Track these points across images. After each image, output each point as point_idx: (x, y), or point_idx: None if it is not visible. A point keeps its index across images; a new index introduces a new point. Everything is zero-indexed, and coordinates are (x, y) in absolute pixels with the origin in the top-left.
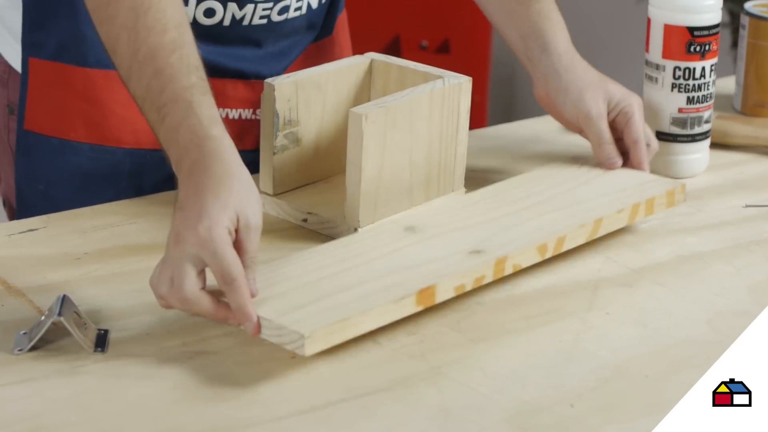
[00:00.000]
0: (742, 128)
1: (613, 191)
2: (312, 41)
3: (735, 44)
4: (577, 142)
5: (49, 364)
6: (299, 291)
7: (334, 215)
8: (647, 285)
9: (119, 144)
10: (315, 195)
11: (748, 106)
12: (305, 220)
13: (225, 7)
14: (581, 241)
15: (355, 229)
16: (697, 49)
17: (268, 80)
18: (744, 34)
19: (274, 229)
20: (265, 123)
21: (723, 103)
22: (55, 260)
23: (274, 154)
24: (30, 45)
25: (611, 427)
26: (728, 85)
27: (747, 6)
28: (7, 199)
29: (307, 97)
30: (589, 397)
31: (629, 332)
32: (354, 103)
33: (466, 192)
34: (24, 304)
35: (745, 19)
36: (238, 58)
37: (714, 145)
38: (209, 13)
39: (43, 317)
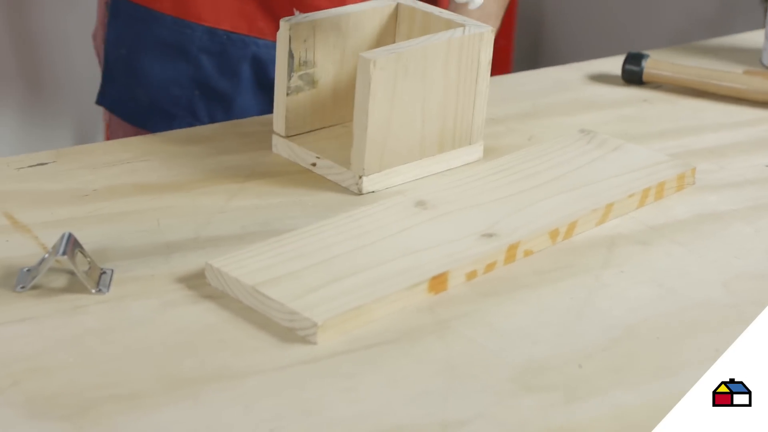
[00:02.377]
0: None
1: (623, 172)
2: None
3: None
4: (600, 92)
5: (51, 303)
6: (311, 271)
7: (342, 160)
8: (665, 243)
9: (200, 21)
10: (328, 139)
11: None
12: (314, 164)
13: None
14: (592, 225)
15: (360, 177)
16: None
17: (284, 19)
18: None
19: (285, 172)
20: (280, 62)
21: (750, 58)
22: (64, 196)
23: (287, 94)
24: None
25: (619, 390)
26: (757, 38)
27: None
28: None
29: (325, 39)
30: (599, 357)
31: (643, 292)
32: (377, 47)
33: (484, 145)
34: (29, 241)
35: None
36: None
37: (740, 101)
38: None
39: (46, 255)
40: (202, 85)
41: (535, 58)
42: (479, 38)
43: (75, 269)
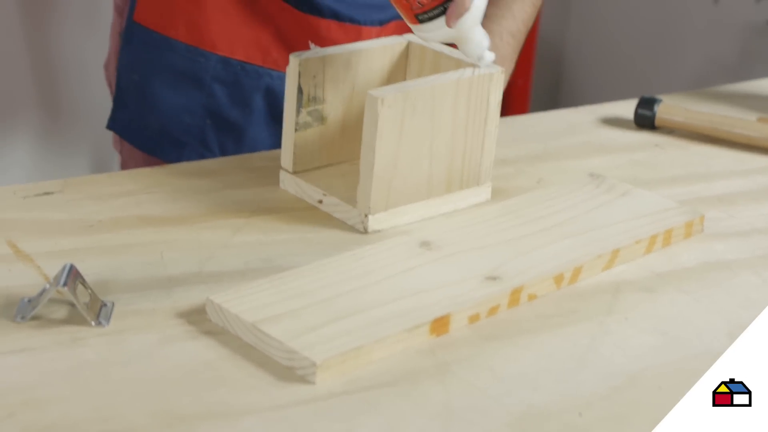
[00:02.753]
0: None
1: (631, 217)
2: None
3: None
4: (612, 136)
5: (50, 334)
6: (313, 310)
7: (349, 198)
8: (670, 291)
9: (214, 50)
10: (335, 176)
11: None
12: (320, 201)
13: None
14: (598, 271)
15: (366, 216)
16: None
17: (294, 54)
18: None
19: (291, 208)
20: (289, 98)
21: (765, 105)
22: (68, 226)
23: (295, 130)
24: None
25: None
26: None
27: None
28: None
29: (335, 75)
30: (599, 406)
31: (647, 340)
32: (387, 85)
33: (492, 187)
34: (32, 270)
35: None
36: None
37: (752, 149)
38: None
39: (47, 285)
40: (214, 115)
41: (554, 99)
42: (489, 79)
43: (75, 301)
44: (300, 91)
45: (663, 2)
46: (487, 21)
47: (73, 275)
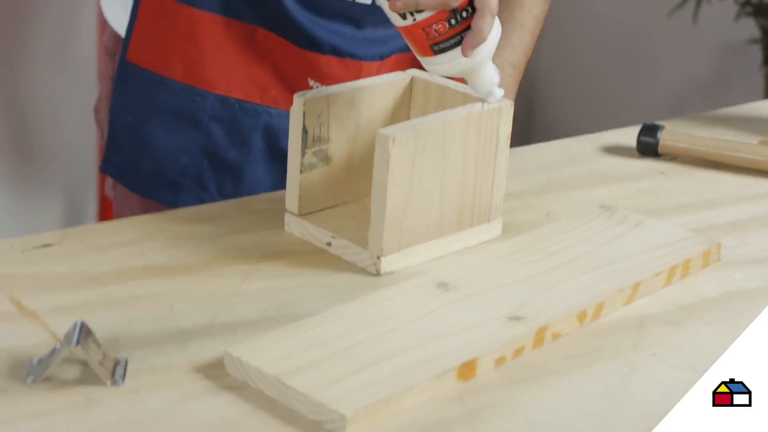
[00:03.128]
0: None
1: (647, 249)
2: None
3: (766, 61)
4: (615, 165)
5: (64, 396)
6: (335, 360)
7: (359, 240)
8: (694, 324)
9: (212, 89)
10: (343, 217)
11: None
12: (329, 244)
13: None
14: (619, 306)
15: (378, 257)
16: None
17: (298, 94)
18: None
19: (299, 252)
20: (293, 138)
21: (763, 128)
22: (71, 279)
23: (300, 172)
24: None
25: None
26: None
27: None
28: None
29: (339, 113)
30: None
31: (678, 376)
32: (391, 122)
33: (503, 222)
34: (38, 328)
35: None
36: (336, 34)
37: (757, 173)
38: None
39: (58, 345)
40: (211, 155)
41: (529, 129)
42: (498, 113)
43: (90, 361)
44: (305, 131)
45: (639, 23)
46: None
47: (84, 333)
